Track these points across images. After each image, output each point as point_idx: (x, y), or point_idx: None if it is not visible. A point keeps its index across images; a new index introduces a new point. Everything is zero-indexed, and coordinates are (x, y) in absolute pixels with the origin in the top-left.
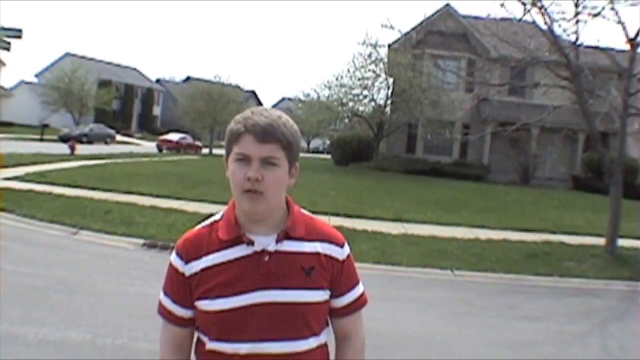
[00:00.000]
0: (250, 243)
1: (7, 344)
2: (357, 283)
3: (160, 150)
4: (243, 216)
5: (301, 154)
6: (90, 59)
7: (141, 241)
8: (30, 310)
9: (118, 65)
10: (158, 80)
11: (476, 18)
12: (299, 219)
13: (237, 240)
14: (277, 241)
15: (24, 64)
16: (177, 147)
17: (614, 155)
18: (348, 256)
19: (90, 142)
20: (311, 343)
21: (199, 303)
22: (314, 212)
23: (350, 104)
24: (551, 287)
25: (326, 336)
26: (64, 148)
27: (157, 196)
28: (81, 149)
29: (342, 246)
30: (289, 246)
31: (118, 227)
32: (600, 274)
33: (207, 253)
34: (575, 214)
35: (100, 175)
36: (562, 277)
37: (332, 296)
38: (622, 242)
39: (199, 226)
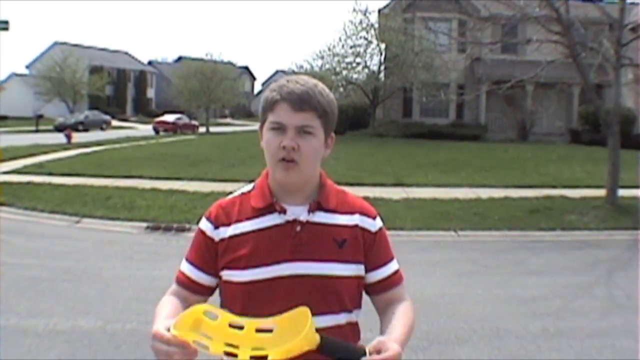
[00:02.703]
0: (283, 211)
1: (17, 337)
2: (392, 259)
3: (157, 132)
4: (276, 186)
5: None
6: (80, 46)
7: (144, 224)
8: (38, 302)
9: (108, 50)
10: (150, 62)
11: None
12: (331, 192)
13: (269, 208)
14: (310, 211)
15: (14, 56)
16: (173, 128)
17: (609, 106)
18: (380, 229)
19: (86, 130)
20: (341, 319)
21: (225, 273)
22: None
23: (344, 72)
24: (555, 241)
25: (357, 316)
26: (60, 137)
27: (157, 178)
28: (77, 137)
29: (374, 218)
30: (321, 217)
31: (120, 212)
32: (602, 225)
33: (238, 220)
34: (574, 167)
35: (98, 162)
36: (564, 230)
37: (366, 270)
38: (622, 192)
39: (230, 196)
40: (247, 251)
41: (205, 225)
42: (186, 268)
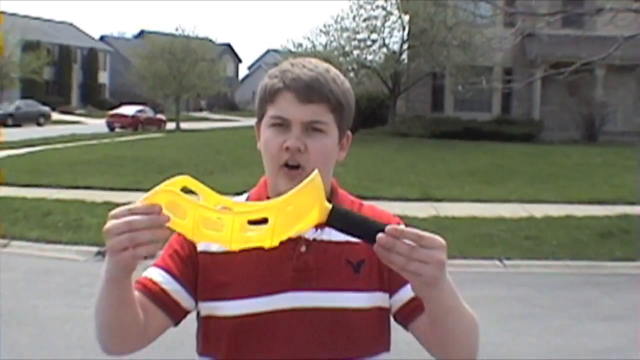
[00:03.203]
0: None
1: None
2: None
3: (111, 129)
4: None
5: None
6: (8, 14)
7: (94, 249)
8: None
9: (48, 21)
10: (102, 38)
11: None
12: (344, 202)
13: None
14: (318, 227)
15: None
16: (133, 123)
17: None
18: None
19: (17, 125)
20: None
21: (206, 305)
22: None
23: (356, 52)
24: (633, 274)
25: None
26: None
27: (112, 189)
28: (6, 133)
29: None
30: (331, 234)
31: (62, 233)
32: None
33: None
34: None
35: (33, 167)
36: None
37: (391, 295)
38: None
39: None
40: (235, 276)
41: None
42: (156, 273)
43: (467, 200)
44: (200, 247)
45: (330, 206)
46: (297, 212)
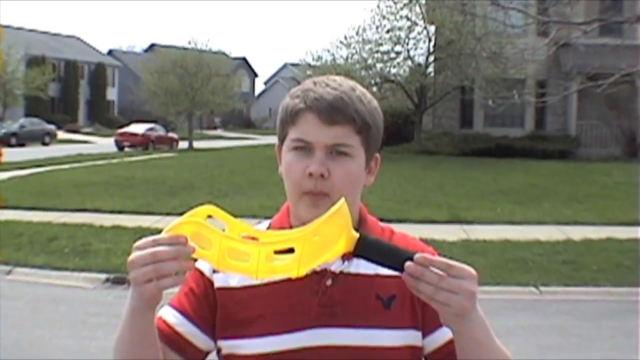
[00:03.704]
0: None
1: None
2: None
3: (120, 148)
4: (300, 226)
5: None
6: (12, 28)
7: (102, 276)
8: None
9: (54, 35)
10: (111, 52)
11: None
12: (374, 231)
13: None
14: (345, 259)
15: None
16: (143, 142)
17: None
18: None
19: (21, 144)
20: None
21: (226, 344)
22: None
23: (379, 65)
24: None
25: None
26: None
27: (121, 212)
28: (9, 153)
29: None
30: (360, 266)
31: (68, 259)
32: None
33: None
34: None
35: (39, 189)
36: None
37: (424, 335)
38: None
39: None
40: (258, 312)
41: (202, 263)
42: (169, 314)
43: (499, 223)
44: (217, 284)
45: (357, 235)
46: (324, 242)
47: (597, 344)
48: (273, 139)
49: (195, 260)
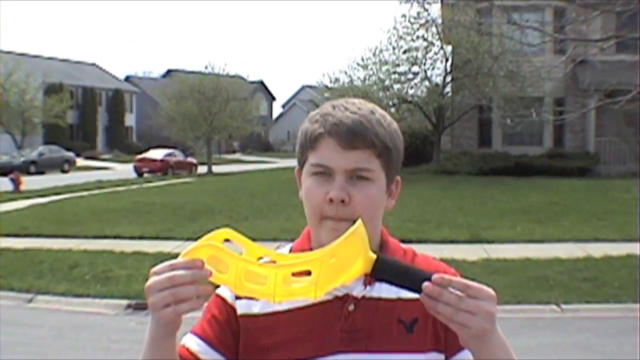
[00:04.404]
0: None
1: None
2: None
3: (139, 174)
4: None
5: None
6: (29, 56)
7: (124, 302)
8: None
9: (71, 62)
10: (128, 78)
11: None
12: (396, 254)
13: None
14: (366, 283)
15: None
16: (162, 167)
17: None
18: None
19: (41, 172)
20: None
21: None
22: None
23: (396, 86)
24: None
25: None
26: (4, 183)
27: (141, 238)
28: (29, 181)
29: None
30: (382, 291)
31: (90, 285)
32: None
33: None
34: None
35: (59, 217)
36: None
37: (447, 358)
38: None
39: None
40: (280, 338)
41: (224, 290)
42: (193, 342)
43: (519, 241)
44: (240, 310)
45: (374, 256)
46: (341, 264)
47: None
48: (292, 162)
49: (214, 284)
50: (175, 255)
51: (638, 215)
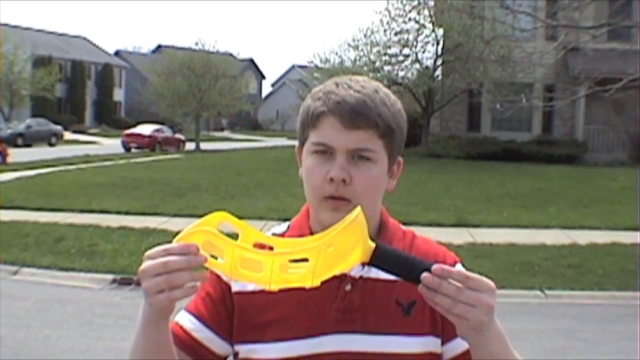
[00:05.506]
0: None
1: None
2: None
3: (127, 149)
4: (320, 229)
5: None
6: (20, 28)
7: (109, 277)
8: None
9: (60, 35)
10: (117, 53)
11: None
12: (395, 235)
13: None
14: (364, 264)
15: None
16: (150, 143)
17: None
18: None
19: (28, 145)
20: None
21: (244, 348)
22: None
23: (386, 68)
24: None
25: None
26: None
27: (127, 213)
28: (16, 154)
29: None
30: (380, 272)
31: (75, 259)
32: None
33: None
34: None
35: (45, 190)
36: None
37: (443, 342)
38: None
39: None
40: (275, 317)
41: None
42: (186, 320)
43: (505, 226)
44: (235, 288)
45: (373, 245)
46: (339, 252)
47: (601, 347)
48: (280, 141)
49: (207, 269)
50: (161, 231)
51: (638, 204)
